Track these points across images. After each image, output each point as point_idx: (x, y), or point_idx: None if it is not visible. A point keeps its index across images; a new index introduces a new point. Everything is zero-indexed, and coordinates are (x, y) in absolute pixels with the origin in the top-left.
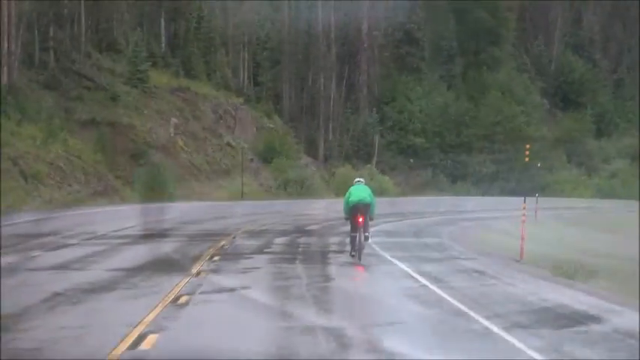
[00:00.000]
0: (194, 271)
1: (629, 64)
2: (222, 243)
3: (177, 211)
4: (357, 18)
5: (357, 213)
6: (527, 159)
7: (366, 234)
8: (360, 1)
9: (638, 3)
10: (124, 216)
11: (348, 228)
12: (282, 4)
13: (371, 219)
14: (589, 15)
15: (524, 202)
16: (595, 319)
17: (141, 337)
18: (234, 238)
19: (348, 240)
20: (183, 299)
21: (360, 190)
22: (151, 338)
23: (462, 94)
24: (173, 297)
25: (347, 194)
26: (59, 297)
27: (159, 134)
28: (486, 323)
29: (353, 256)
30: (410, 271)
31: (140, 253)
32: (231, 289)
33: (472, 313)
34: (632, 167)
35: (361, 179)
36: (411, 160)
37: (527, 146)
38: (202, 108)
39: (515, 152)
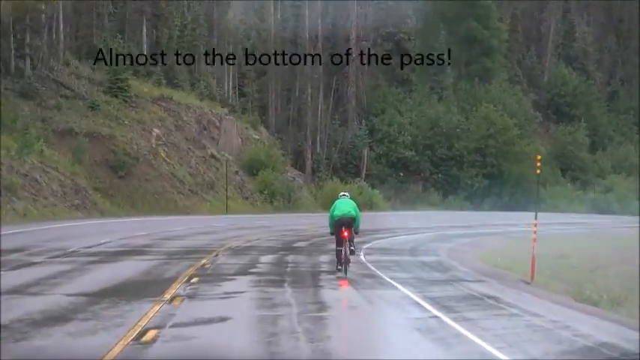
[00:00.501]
0: (167, 296)
1: (623, 76)
2: (203, 262)
3: (157, 225)
4: (344, 28)
5: (342, 227)
6: (538, 171)
7: (352, 248)
8: (348, 10)
9: (630, 15)
10: (101, 231)
11: None
12: (268, 14)
13: (356, 233)
14: (582, 26)
15: (536, 218)
16: None
17: None
18: (216, 255)
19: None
20: (149, 335)
21: (344, 204)
22: None
23: (453, 106)
24: (139, 331)
25: (332, 208)
26: (4, 332)
27: (140, 145)
28: None
29: (339, 270)
30: (415, 297)
31: (110, 274)
32: (209, 321)
33: (502, 357)
34: (627, 181)
35: (346, 193)
36: (401, 174)
37: (539, 157)
38: (185, 118)
39: (508, 166)
